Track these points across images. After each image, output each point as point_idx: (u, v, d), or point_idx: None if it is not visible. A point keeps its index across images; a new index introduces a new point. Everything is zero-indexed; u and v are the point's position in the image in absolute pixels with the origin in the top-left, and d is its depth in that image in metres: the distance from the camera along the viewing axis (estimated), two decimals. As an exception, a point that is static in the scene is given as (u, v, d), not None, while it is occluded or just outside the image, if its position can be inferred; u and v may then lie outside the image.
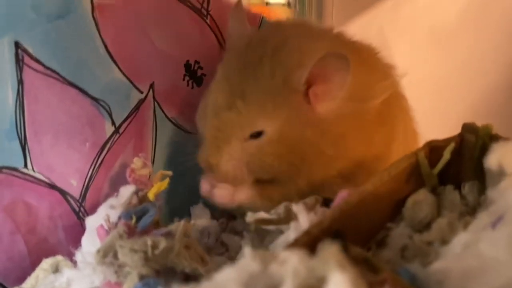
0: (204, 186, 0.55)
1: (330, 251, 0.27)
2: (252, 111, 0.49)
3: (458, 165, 0.45)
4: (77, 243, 0.53)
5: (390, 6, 0.84)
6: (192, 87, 0.61)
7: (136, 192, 0.50)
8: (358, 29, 0.78)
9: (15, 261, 0.51)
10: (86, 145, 0.53)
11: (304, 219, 0.41)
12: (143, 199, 0.50)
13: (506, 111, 1.04)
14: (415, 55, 0.89)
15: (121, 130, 0.55)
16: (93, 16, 0.50)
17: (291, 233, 0.42)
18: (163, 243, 0.42)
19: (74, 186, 0.53)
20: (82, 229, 0.55)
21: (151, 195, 0.50)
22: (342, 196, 0.41)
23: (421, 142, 0.62)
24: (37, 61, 0.48)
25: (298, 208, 0.41)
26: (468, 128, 0.45)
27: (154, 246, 0.42)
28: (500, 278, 0.31)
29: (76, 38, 0.49)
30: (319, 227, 0.37)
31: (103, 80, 0.53)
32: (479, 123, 0.45)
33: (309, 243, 0.36)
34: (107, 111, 0.54)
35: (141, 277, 0.42)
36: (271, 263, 0.30)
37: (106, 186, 0.56)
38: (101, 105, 0.53)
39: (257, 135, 0.50)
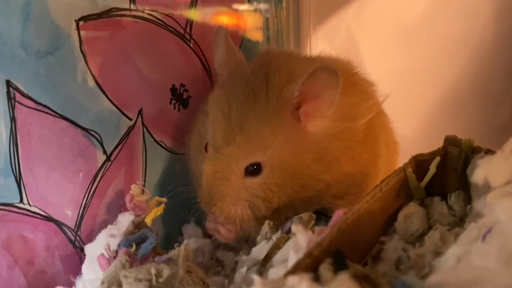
0: (210, 226, 0.56)
1: (341, 279, 0.28)
2: (251, 142, 0.50)
3: (443, 177, 0.47)
4: (75, 272, 0.54)
5: (356, 6, 0.86)
6: (179, 110, 0.62)
7: (132, 220, 0.51)
8: (328, 30, 0.80)
9: (15, 295, 0.52)
10: (80, 175, 0.54)
11: (302, 238, 0.42)
12: (139, 225, 0.51)
13: (469, 103, 1.07)
14: (382, 52, 0.91)
15: (112, 158, 0.56)
16: (81, 50, 0.51)
17: (290, 251, 0.43)
18: (166, 271, 0.43)
19: (69, 217, 0.54)
20: (78, 258, 0.56)
21: (148, 220, 0.50)
22: (338, 215, 0.42)
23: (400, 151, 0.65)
24: (28, 97, 0.48)
25: (296, 228, 0.42)
26: (450, 141, 0.48)
27: (158, 275, 0.43)
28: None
29: (65, 72, 0.50)
30: (320, 248, 0.38)
31: (93, 110, 0.54)
32: (444, 115, 0.47)
33: (311, 264, 0.37)
34: (98, 140, 0.54)
35: (148, 306, 0.42)
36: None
37: (100, 213, 0.57)
38: (92, 135, 0.54)
39: (254, 170, 0.51)
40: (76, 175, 0.54)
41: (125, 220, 0.51)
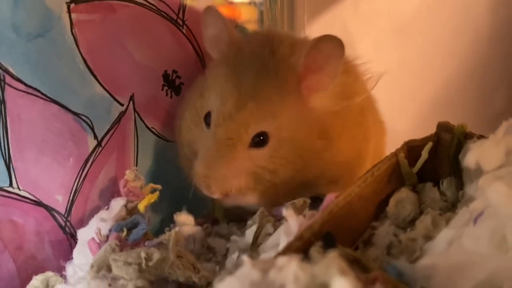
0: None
1: (331, 257, 0.28)
2: (262, 109, 0.50)
3: (435, 163, 0.47)
4: (65, 258, 0.53)
5: (352, 1, 0.86)
6: (171, 97, 0.61)
7: (125, 205, 0.50)
8: (323, 26, 0.80)
9: (4, 280, 0.51)
10: (70, 160, 0.54)
11: (293, 222, 0.42)
12: (132, 211, 0.51)
13: (464, 96, 1.08)
14: (377, 47, 0.91)
15: (103, 143, 0.56)
16: (72, 33, 0.50)
17: (281, 235, 0.43)
18: (156, 255, 0.43)
19: (59, 202, 0.54)
20: (69, 243, 0.55)
21: (141, 207, 0.50)
22: (330, 199, 0.42)
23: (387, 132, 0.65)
24: (18, 80, 0.48)
25: (287, 212, 0.42)
26: (443, 127, 0.48)
27: (148, 258, 0.43)
28: (484, 271, 0.33)
29: (56, 55, 0.50)
30: (311, 231, 0.38)
31: (84, 95, 0.53)
32: (439, 111, 0.47)
33: (302, 247, 0.37)
34: (89, 125, 0.54)
35: (137, 289, 0.42)
36: (270, 270, 0.31)
37: (91, 199, 0.56)
38: (83, 119, 0.53)
39: (261, 141, 0.50)
40: (66, 160, 0.53)
41: (117, 205, 0.51)
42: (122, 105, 0.57)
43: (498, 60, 1.11)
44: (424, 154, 0.46)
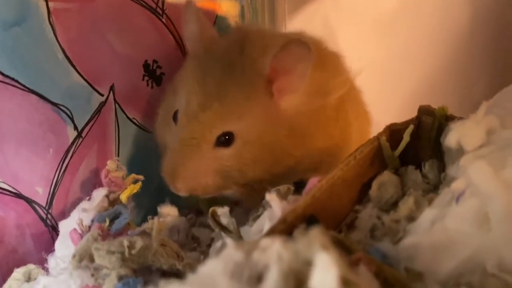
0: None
1: (313, 234, 0.28)
2: (226, 110, 0.49)
3: (417, 146, 0.48)
4: (46, 250, 0.53)
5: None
6: (152, 87, 0.61)
7: (107, 195, 0.50)
8: (304, 20, 0.80)
9: (-15, 274, 0.51)
10: (50, 151, 0.53)
11: (277, 207, 0.42)
12: (114, 201, 0.51)
13: (445, 89, 1.08)
14: (359, 42, 0.92)
15: (83, 134, 0.55)
16: (49, 22, 0.49)
17: (265, 221, 0.43)
18: (139, 243, 0.43)
19: (40, 194, 0.53)
20: (50, 236, 0.55)
21: (123, 197, 0.50)
22: (313, 183, 0.42)
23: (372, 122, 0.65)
24: (-5, 70, 0.47)
25: (271, 197, 0.42)
26: (424, 110, 0.48)
27: (131, 246, 0.43)
28: (466, 249, 0.34)
29: (34, 45, 0.49)
30: (294, 214, 0.38)
31: (63, 85, 0.52)
32: (422, 102, 0.48)
33: (285, 230, 0.37)
34: (68, 116, 0.53)
35: (120, 278, 0.42)
36: (254, 251, 0.31)
37: (72, 191, 0.55)
38: (62, 110, 0.53)
39: (226, 140, 0.50)
40: (46, 151, 0.53)
41: (98, 195, 0.51)
42: (102, 95, 0.56)
43: (479, 51, 1.12)
44: (406, 137, 0.47)
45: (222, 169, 0.51)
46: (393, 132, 0.47)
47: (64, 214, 0.54)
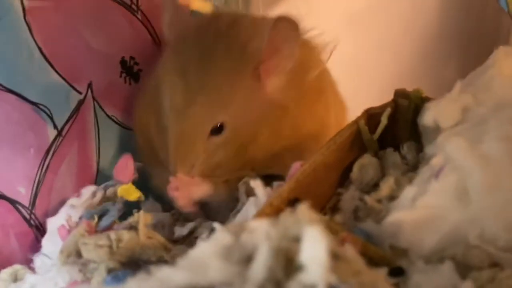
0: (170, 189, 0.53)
1: (300, 211, 0.28)
2: (212, 101, 0.48)
3: (394, 129, 0.48)
4: (31, 251, 0.52)
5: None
6: (130, 83, 0.61)
7: (95, 192, 0.50)
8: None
9: (-30, 277, 0.50)
10: (31, 150, 0.53)
11: (261, 194, 0.43)
12: (102, 200, 0.51)
13: (417, 75, 1.11)
14: (332, 36, 0.93)
15: (63, 133, 0.55)
16: (25, 20, 0.49)
17: (250, 208, 0.44)
18: (127, 235, 0.43)
19: (22, 194, 0.53)
20: (34, 236, 0.55)
21: (121, 191, 0.50)
22: (296, 168, 0.43)
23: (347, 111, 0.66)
24: (-29, 69, 0.46)
25: (255, 183, 0.43)
26: (400, 93, 0.49)
27: (118, 239, 0.43)
28: (448, 223, 0.35)
29: (10, 43, 0.49)
30: (280, 198, 0.39)
31: (41, 83, 0.52)
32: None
33: (272, 214, 0.37)
34: (48, 114, 0.53)
35: (109, 271, 0.42)
36: (242, 233, 0.31)
37: (54, 190, 0.55)
38: (41, 109, 0.52)
39: (218, 129, 0.49)
40: (27, 151, 0.52)
41: (87, 192, 0.51)
42: (80, 93, 0.56)
43: (448, 37, 1.14)
44: (384, 120, 0.47)
45: (216, 155, 0.50)
46: (371, 116, 0.48)
47: (47, 214, 0.54)
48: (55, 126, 0.54)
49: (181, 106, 0.48)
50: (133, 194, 0.52)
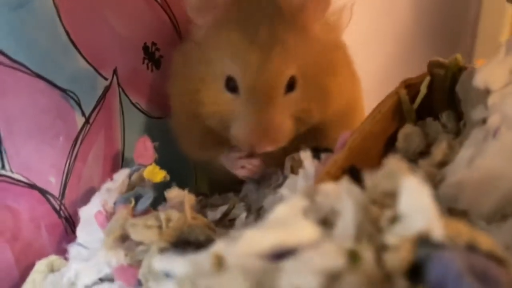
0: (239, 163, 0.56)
1: (391, 162, 0.28)
2: (285, 57, 0.50)
3: (430, 100, 0.48)
4: (60, 243, 0.51)
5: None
6: (152, 70, 0.60)
7: (129, 175, 0.49)
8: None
9: (3, 271, 0.48)
10: (60, 139, 0.51)
11: (310, 165, 0.42)
12: (135, 183, 0.49)
13: (399, 73, 1.13)
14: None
15: (91, 120, 0.54)
16: (53, 3, 0.48)
17: (299, 180, 0.43)
18: (176, 214, 0.42)
19: (52, 184, 0.51)
20: (64, 228, 0.53)
21: (148, 173, 0.49)
22: (345, 137, 0.42)
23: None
24: (2, 53, 0.45)
25: (305, 155, 0.42)
26: (435, 64, 0.48)
27: (168, 219, 0.42)
28: (508, 182, 0.34)
29: (39, 27, 0.47)
30: (336, 166, 0.38)
31: (69, 69, 0.51)
32: (382, 88, 0.49)
33: (331, 181, 0.37)
34: (76, 101, 0.52)
35: (161, 251, 0.41)
36: (316, 196, 0.31)
37: (83, 180, 0.54)
38: (69, 96, 0.51)
39: (292, 84, 0.51)
40: (56, 139, 0.51)
41: (120, 176, 0.49)
42: (106, 79, 0.55)
43: (422, 33, 1.16)
44: (423, 89, 0.47)
45: (295, 113, 0.52)
46: (408, 86, 0.48)
47: (76, 204, 0.53)
48: (83, 113, 0.53)
49: (259, 66, 0.49)
50: (159, 175, 0.52)
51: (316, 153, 0.47)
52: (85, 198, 0.52)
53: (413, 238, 0.24)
